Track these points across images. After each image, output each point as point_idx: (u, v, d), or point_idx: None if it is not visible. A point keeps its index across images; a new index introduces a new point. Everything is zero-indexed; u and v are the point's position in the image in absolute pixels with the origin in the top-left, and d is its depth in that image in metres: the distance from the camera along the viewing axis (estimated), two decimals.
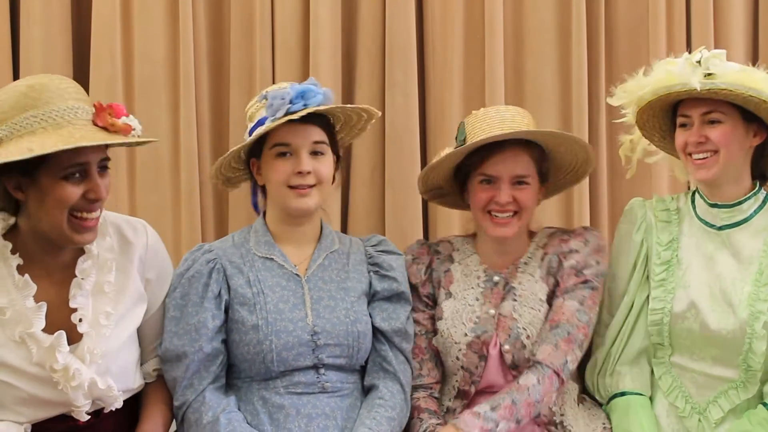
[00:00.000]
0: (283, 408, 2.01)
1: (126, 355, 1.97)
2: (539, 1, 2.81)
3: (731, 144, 2.04)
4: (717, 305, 2.07)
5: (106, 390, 1.89)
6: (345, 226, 2.83)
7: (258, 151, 2.11)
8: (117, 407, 1.94)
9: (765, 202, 2.13)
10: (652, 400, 2.17)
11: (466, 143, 2.16)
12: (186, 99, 2.76)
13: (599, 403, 2.26)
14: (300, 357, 2.03)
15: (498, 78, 2.75)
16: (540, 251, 2.24)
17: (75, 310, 1.87)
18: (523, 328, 2.15)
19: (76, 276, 1.89)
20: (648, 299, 2.18)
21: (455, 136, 2.25)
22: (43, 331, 1.84)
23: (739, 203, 2.11)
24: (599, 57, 2.81)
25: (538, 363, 2.09)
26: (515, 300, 2.19)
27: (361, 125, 2.25)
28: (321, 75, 2.68)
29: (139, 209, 2.79)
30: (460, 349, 2.17)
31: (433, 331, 2.24)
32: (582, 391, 2.29)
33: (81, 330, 1.87)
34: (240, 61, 2.82)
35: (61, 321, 1.86)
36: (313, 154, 2.08)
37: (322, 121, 2.09)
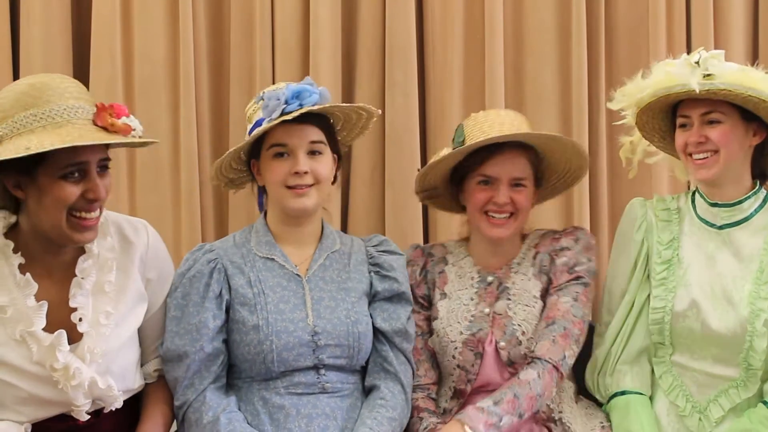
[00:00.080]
0: (284, 408, 2.01)
1: (126, 355, 1.97)
2: (539, 1, 2.80)
3: (731, 143, 2.04)
4: (718, 304, 2.08)
5: (106, 389, 1.88)
6: (345, 226, 2.82)
7: (257, 152, 2.11)
8: (117, 407, 1.94)
9: (765, 201, 2.13)
10: (652, 399, 2.17)
11: (464, 145, 2.18)
12: (186, 99, 2.76)
13: (596, 404, 2.27)
14: (300, 357, 2.03)
15: (498, 78, 2.75)
16: (532, 251, 2.28)
17: (75, 309, 1.87)
18: (518, 324, 2.17)
19: (76, 275, 1.89)
20: (648, 299, 2.18)
21: (452, 138, 2.26)
22: (44, 330, 1.84)
23: (740, 202, 2.11)
24: (599, 57, 2.81)
25: (537, 358, 2.11)
26: (509, 299, 2.21)
27: (362, 124, 2.25)
28: (321, 75, 2.68)
29: (139, 209, 2.78)
30: (456, 348, 2.19)
31: (429, 332, 2.26)
32: (577, 392, 2.30)
33: (81, 329, 1.87)
34: (240, 61, 2.81)
35: (62, 320, 1.86)
36: (311, 153, 2.07)
37: (319, 121, 2.09)
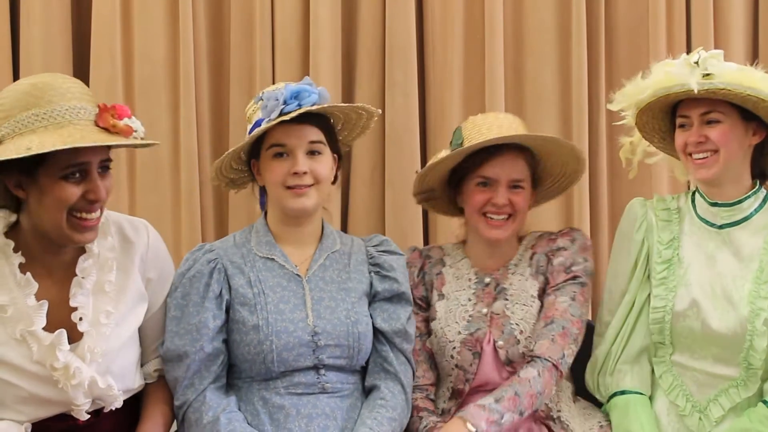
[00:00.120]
0: (284, 408, 2.01)
1: (126, 355, 1.97)
2: (539, 1, 2.81)
3: (731, 143, 2.04)
4: (718, 303, 2.08)
5: (106, 389, 1.88)
6: (345, 226, 2.83)
7: (257, 152, 2.11)
8: (117, 407, 1.94)
9: (765, 200, 2.13)
10: (652, 398, 2.17)
11: (462, 147, 2.18)
12: (186, 99, 2.76)
13: (593, 404, 2.27)
14: (300, 357, 2.03)
15: (498, 78, 2.75)
16: (529, 252, 2.29)
17: (75, 308, 1.87)
18: (516, 323, 2.18)
19: (76, 275, 1.89)
20: (649, 298, 2.18)
21: (450, 140, 2.26)
22: (44, 330, 1.83)
23: (739, 202, 2.11)
24: (599, 57, 2.82)
25: (536, 357, 2.11)
26: (507, 299, 2.22)
27: (362, 124, 2.24)
28: (321, 75, 2.68)
29: (139, 209, 2.79)
30: (454, 347, 2.19)
31: (427, 334, 2.27)
32: (575, 392, 2.30)
33: (81, 329, 1.87)
34: (240, 61, 2.82)
35: (62, 319, 1.86)
36: (310, 153, 2.07)
37: (318, 121, 2.08)
